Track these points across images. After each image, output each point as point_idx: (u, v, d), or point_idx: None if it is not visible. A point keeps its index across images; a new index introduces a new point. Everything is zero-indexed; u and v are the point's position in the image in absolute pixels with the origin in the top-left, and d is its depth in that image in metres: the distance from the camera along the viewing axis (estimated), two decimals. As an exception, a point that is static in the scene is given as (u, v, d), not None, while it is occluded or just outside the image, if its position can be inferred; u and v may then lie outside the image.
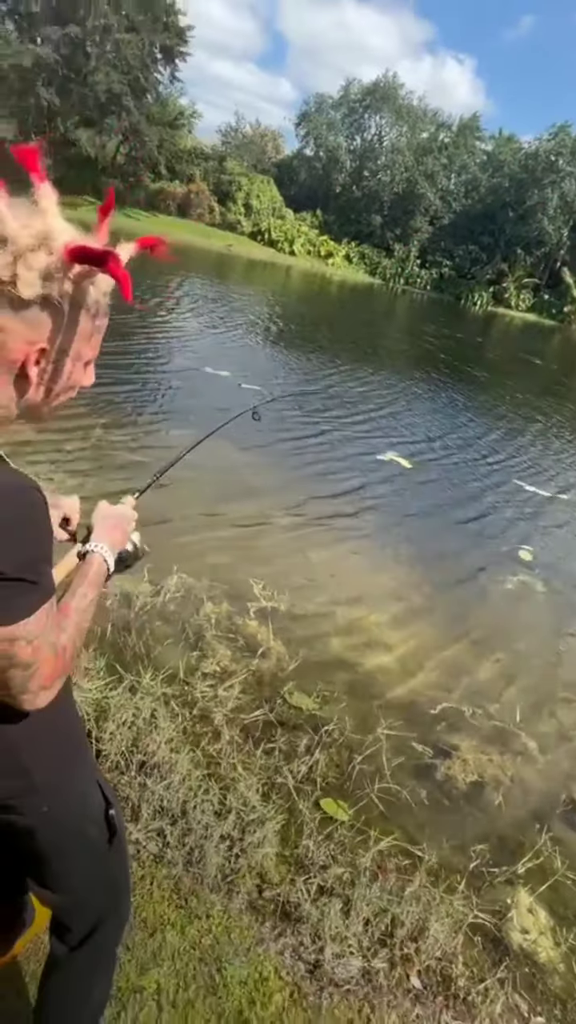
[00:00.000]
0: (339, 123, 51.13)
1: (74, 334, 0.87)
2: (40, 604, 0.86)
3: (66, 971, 1.24)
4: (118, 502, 1.28)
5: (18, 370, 0.84)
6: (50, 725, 1.05)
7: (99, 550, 1.10)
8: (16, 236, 0.77)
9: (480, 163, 50.38)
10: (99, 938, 1.23)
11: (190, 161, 40.11)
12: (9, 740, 0.99)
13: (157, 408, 6.87)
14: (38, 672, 0.87)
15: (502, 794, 2.80)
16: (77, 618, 0.97)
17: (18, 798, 1.04)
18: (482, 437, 9.27)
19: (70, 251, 0.80)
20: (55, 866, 1.14)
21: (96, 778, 1.22)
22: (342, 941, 1.93)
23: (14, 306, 0.80)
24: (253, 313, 16.38)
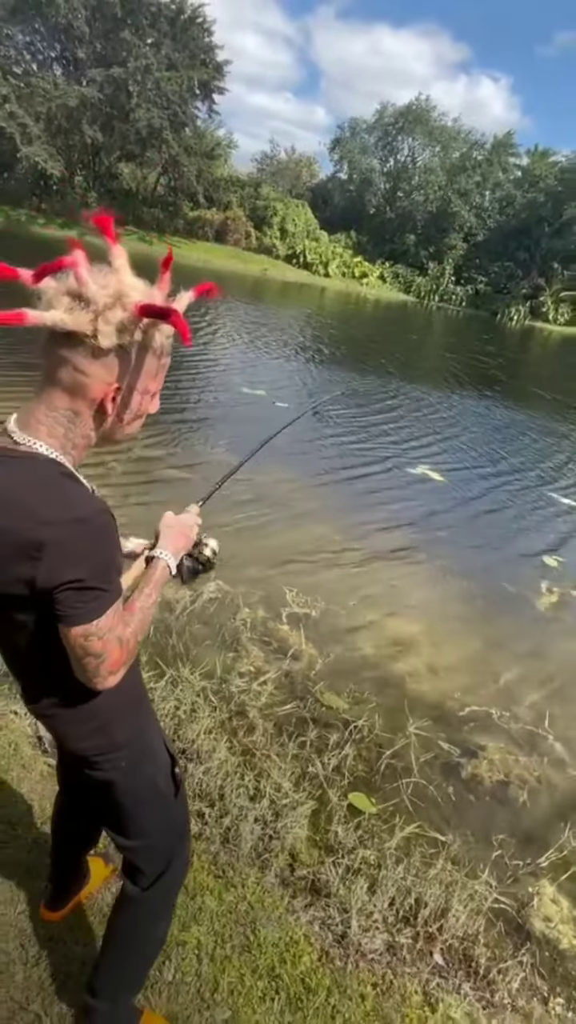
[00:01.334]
0: (372, 146, 52.00)
1: (142, 373, 1.05)
2: (109, 605, 1.02)
3: (139, 908, 1.42)
4: (186, 509, 1.41)
5: (97, 405, 1.02)
6: (126, 693, 1.24)
7: (163, 556, 1.24)
8: (95, 296, 0.94)
9: (515, 179, 50.35)
10: (168, 878, 1.42)
11: (227, 189, 41.35)
12: (94, 705, 1.18)
13: (198, 427, 7.17)
14: (107, 660, 1.03)
15: (528, 793, 2.88)
16: (141, 615, 1.12)
17: (103, 755, 1.23)
18: (515, 450, 9.28)
19: (140, 308, 0.96)
20: (132, 813, 1.33)
21: (163, 739, 1.42)
22: (368, 916, 2.05)
23: (95, 354, 0.97)
24: (287, 333, 16.76)
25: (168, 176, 37.57)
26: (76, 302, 0.95)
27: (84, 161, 34.77)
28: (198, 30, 34.36)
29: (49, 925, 1.74)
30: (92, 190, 34.74)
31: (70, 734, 1.22)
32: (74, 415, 1.02)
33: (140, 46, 31.61)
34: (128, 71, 31.16)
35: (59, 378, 0.99)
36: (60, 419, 1.01)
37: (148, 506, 4.86)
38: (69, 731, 1.22)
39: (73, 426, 1.02)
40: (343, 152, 51.87)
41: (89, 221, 1.01)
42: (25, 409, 1.03)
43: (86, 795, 1.43)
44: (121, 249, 0.99)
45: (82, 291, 0.95)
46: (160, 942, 1.55)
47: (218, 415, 7.80)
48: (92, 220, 0.99)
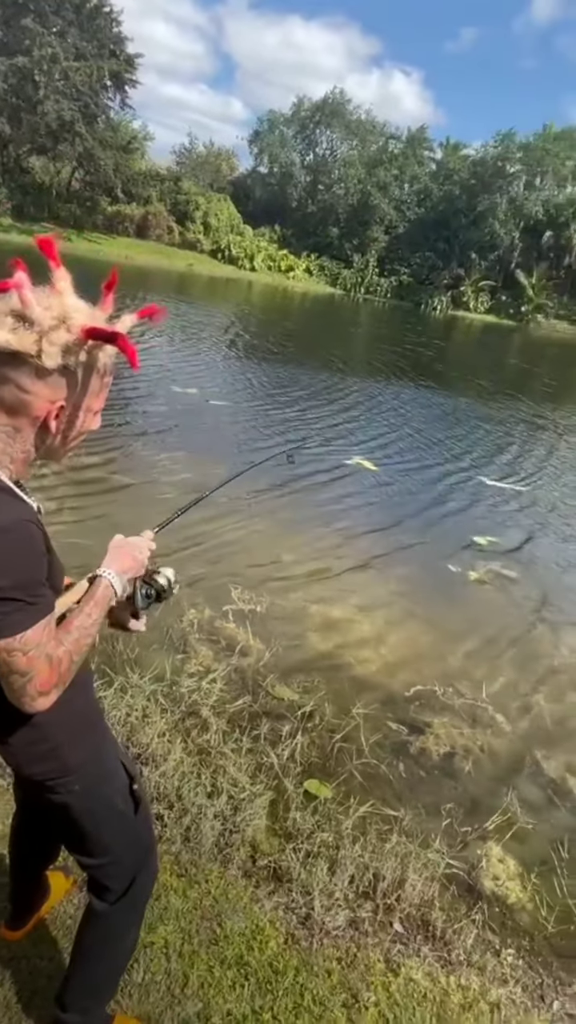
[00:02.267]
0: (291, 140, 52.13)
1: (86, 392, 1.07)
2: (36, 620, 1.00)
3: (107, 922, 1.42)
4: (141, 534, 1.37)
5: (41, 423, 1.04)
6: (78, 714, 1.24)
7: (106, 574, 1.20)
8: (40, 318, 0.96)
9: (430, 172, 51.75)
10: (135, 891, 1.43)
11: (146, 183, 40.43)
12: (44, 729, 1.17)
13: (130, 428, 7.06)
14: (35, 679, 1.01)
15: (472, 762, 3.05)
16: (78, 634, 1.08)
17: (56, 779, 1.23)
18: (441, 435, 9.63)
19: (86, 331, 0.99)
20: (92, 833, 1.32)
21: (120, 758, 1.41)
22: (330, 896, 2.13)
23: (39, 374, 0.99)
24: (217, 329, 16.67)
25: (83, 170, 36.39)
26: (20, 323, 0.96)
27: (-8, 154, 33.23)
28: (105, 20, 33.41)
29: (12, 944, 1.72)
30: (2, 185, 33.18)
31: (21, 759, 1.21)
32: (14, 431, 1.03)
33: (44, 34, 30.41)
34: (33, 60, 29.93)
35: (1, 396, 1.00)
36: (1, 435, 1.02)
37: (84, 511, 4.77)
38: (20, 756, 1.21)
39: (12, 441, 1.03)
40: (262, 146, 51.77)
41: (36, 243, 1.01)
42: None
43: (45, 816, 1.41)
44: (64, 271, 1.01)
45: (26, 312, 0.96)
46: (130, 951, 1.56)
47: (150, 416, 7.70)
48: (37, 243, 1.00)
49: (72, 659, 1.07)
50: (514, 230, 47.01)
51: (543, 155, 46.02)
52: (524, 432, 11.15)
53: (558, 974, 2.12)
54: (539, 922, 2.28)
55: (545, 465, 9.03)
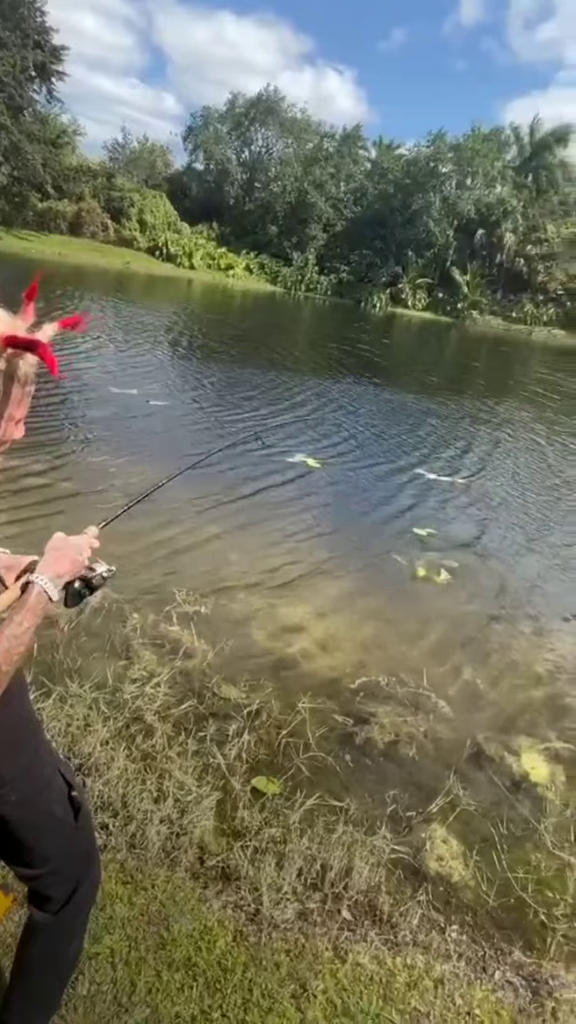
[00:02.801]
0: (226, 137, 51.82)
1: (7, 401, 1.06)
2: None
3: (49, 934, 1.40)
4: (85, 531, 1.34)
5: None
6: (11, 726, 1.22)
7: (39, 581, 1.16)
8: None
9: (365, 171, 52.48)
10: (77, 899, 1.41)
11: (77, 179, 39.35)
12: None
13: (69, 430, 6.88)
14: None
15: (416, 748, 3.13)
16: (8, 644, 1.06)
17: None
18: (387, 431, 9.82)
19: (5, 339, 0.99)
20: (30, 844, 1.31)
21: (57, 766, 1.39)
22: (278, 890, 2.16)
23: None
24: (157, 328, 16.42)
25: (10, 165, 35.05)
26: None
27: None
28: (28, 9, 32.26)
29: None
30: None
31: None
32: None
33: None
34: (-48, 49, 28.64)
35: None
36: None
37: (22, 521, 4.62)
38: None
39: None
40: (197, 142, 51.25)
41: None
42: None
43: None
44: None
45: None
46: (73, 963, 1.54)
47: (88, 418, 7.52)
48: None
49: (2, 670, 1.04)
50: (448, 228, 48.25)
51: (473, 155, 47.40)
52: (466, 426, 11.49)
53: (499, 945, 2.21)
54: (481, 897, 2.37)
55: (487, 458, 9.34)
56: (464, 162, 47.52)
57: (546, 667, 4.09)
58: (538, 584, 5.33)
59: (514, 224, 48.56)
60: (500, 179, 48.99)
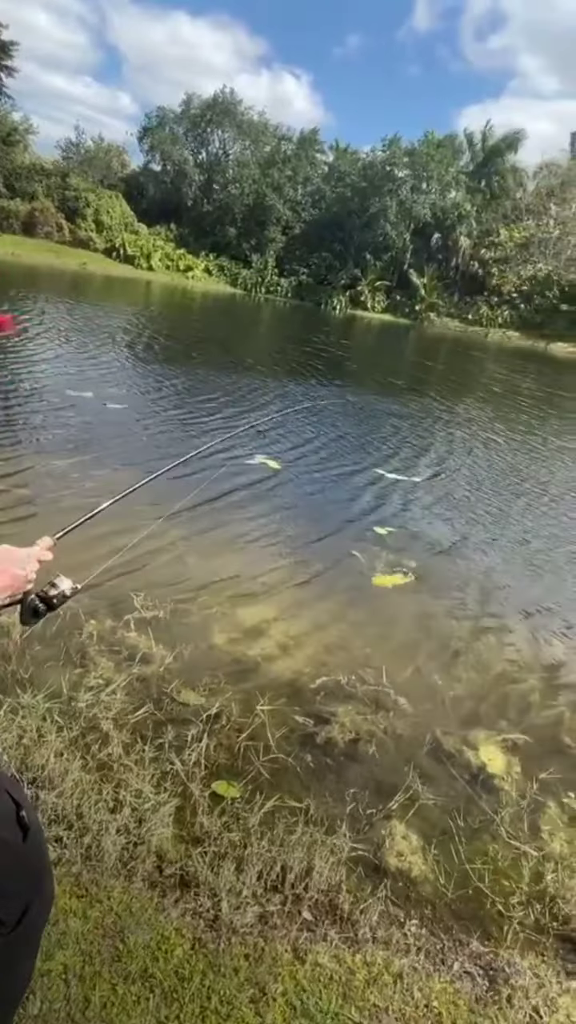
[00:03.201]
0: (183, 137, 51.45)
1: None
2: None
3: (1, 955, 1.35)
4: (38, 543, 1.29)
5: None
6: None
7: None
8: None
9: (323, 174, 52.88)
10: (29, 919, 1.35)
11: (30, 178, 38.54)
12: None
13: (24, 435, 6.71)
14: None
15: (376, 746, 3.15)
16: None
17: None
18: (348, 432, 9.89)
19: None
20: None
21: (4, 786, 1.33)
22: (237, 895, 2.14)
23: None
24: (113, 330, 16.18)
25: (-40, 162, 34.14)
26: None
27: None
28: (-25, 2, 31.44)
29: None
30: None
31: None
32: None
33: None
34: None
35: None
36: None
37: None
38: None
39: None
40: (153, 142, 50.72)
41: None
42: None
43: None
44: None
45: None
46: (26, 982, 1.49)
47: (42, 420, 7.35)
48: None
49: None
50: (405, 232, 49.01)
51: (428, 161, 48.26)
52: (426, 426, 11.66)
53: (458, 936, 2.24)
54: (439, 890, 2.40)
55: (447, 457, 9.50)
56: (419, 167, 48.32)
57: (505, 662, 4.17)
58: (498, 580, 5.45)
59: (468, 228, 49.67)
60: (455, 184, 50.01)
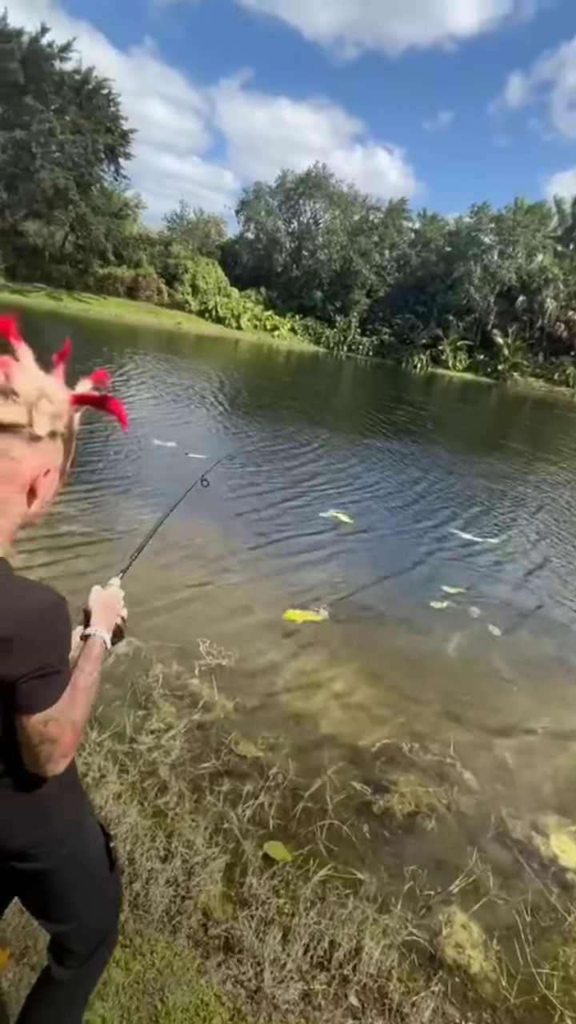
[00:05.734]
0: (277, 208, 54.93)
1: (67, 455, 1.16)
2: (64, 688, 1.07)
3: (65, 991, 1.37)
4: (106, 584, 1.46)
5: (28, 490, 1.10)
6: (64, 778, 1.21)
7: (98, 633, 1.27)
8: (25, 392, 1.05)
9: (409, 240, 54.63)
10: (98, 956, 1.40)
11: (137, 247, 42.17)
12: (36, 798, 1.17)
13: (107, 484, 7.12)
14: (61, 744, 1.06)
15: (437, 821, 2.98)
16: (85, 695, 1.12)
17: (40, 846, 1.21)
18: (423, 489, 9.79)
19: (75, 398, 1.13)
20: (67, 900, 1.29)
21: (95, 817, 1.40)
22: (281, 967, 2.05)
23: (31, 442, 1.07)
24: (201, 384, 17.04)
25: (76, 234, 37.89)
26: (6, 397, 1.04)
27: (-12, 218, 34.52)
28: (103, 99, 35.54)
29: None
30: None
31: (7, 831, 1.17)
32: (2, 504, 1.06)
33: (44, 111, 32.21)
34: (31, 134, 31.58)
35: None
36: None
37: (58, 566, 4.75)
38: (7, 828, 1.17)
39: (3, 517, 1.07)
40: (249, 213, 54.43)
41: None
42: None
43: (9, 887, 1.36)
44: (26, 347, 1.09)
45: (12, 387, 1.05)
46: (80, 1016, 1.50)
47: (130, 471, 7.79)
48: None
49: (84, 720, 1.12)
50: (489, 295, 49.33)
51: (514, 226, 48.81)
52: (506, 486, 11.37)
53: (520, 1050, 2.03)
54: (501, 993, 2.20)
55: (525, 518, 9.19)
56: (506, 232, 48.93)
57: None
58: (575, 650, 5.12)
59: (555, 291, 49.26)
60: (542, 248, 50.11)
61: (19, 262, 35.50)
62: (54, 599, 1.06)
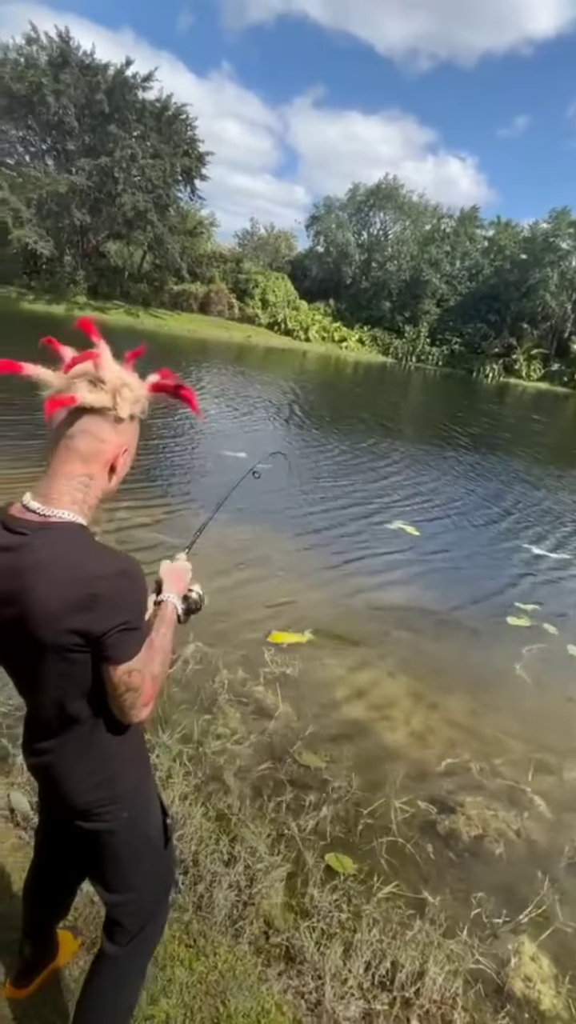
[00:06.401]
0: (346, 221, 55.17)
1: (137, 435, 1.27)
2: (143, 642, 1.20)
3: (116, 968, 1.45)
4: (174, 558, 1.61)
5: (109, 467, 1.21)
6: (132, 743, 1.34)
7: (170, 598, 1.43)
8: (111, 379, 1.17)
9: (482, 249, 53.46)
10: (146, 934, 1.47)
11: (209, 264, 43.44)
12: (104, 757, 1.28)
13: (175, 491, 7.35)
14: (142, 693, 1.18)
15: (505, 847, 2.87)
16: (162, 653, 1.26)
17: (106, 806, 1.30)
18: (493, 502, 9.50)
19: (153, 386, 1.24)
20: (124, 866, 1.39)
21: (157, 790, 1.50)
22: (343, 982, 2.03)
23: (115, 424, 1.19)
24: (270, 395, 17.27)
25: (154, 253, 39.45)
26: (94, 385, 1.16)
27: (73, 241, 36.45)
28: (181, 124, 36.95)
29: (15, 1003, 1.72)
30: (80, 268, 36.24)
31: (76, 787, 1.28)
32: (89, 479, 1.19)
33: (126, 138, 33.83)
34: (114, 160, 33.22)
35: (77, 447, 1.17)
36: (78, 486, 1.18)
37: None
38: (76, 783, 1.28)
39: (88, 490, 1.19)
40: (319, 227, 54.94)
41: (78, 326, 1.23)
42: (43, 484, 1.18)
43: (73, 853, 1.46)
44: (105, 344, 1.20)
45: (100, 375, 1.16)
46: (131, 1009, 1.56)
47: (198, 479, 8.00)
48: (79, 324, 1.21)
49: (163, 674, 1.24)
50: (567, 302, 47.48)
51: (595, 230, 46.85)
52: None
53: None
54: (574, 1034, 2.09)
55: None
56: (585, 237, 47.02)
57: None
58: None
59: None
60: (625, 252, 47.81)
61: (100, 281, 37.33)
62: (132, 563, 1.18)
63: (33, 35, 33.10)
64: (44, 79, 31.87)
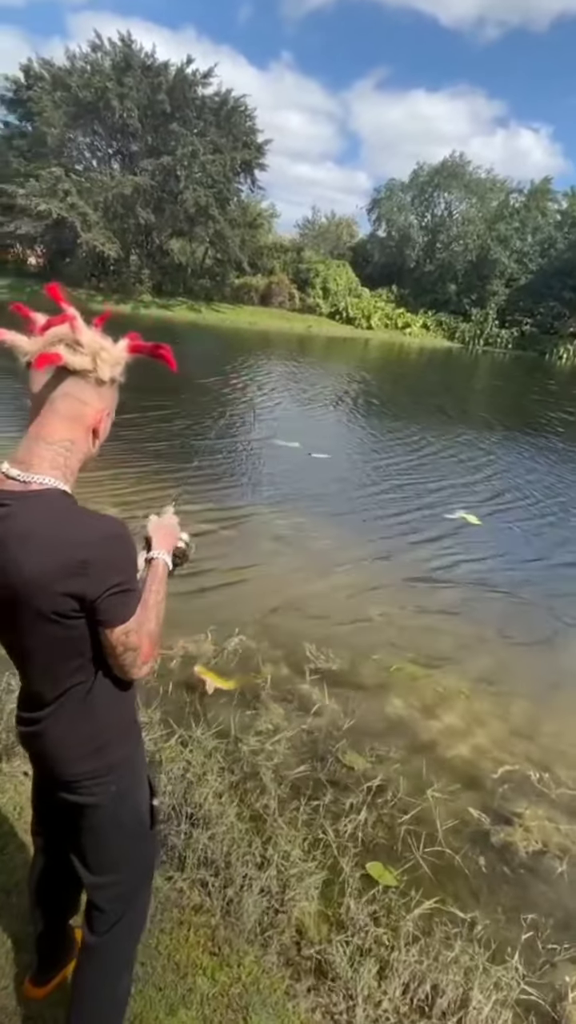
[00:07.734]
0: (409, 204, 53.62)
1: (116, 399, 1.25)
2: (138, 602, 1.21)
3: (97, 958, 1.42)
4: (161, 512, 1.59)
5: (91, 431, 1.20)
6: (126, 716, 1.34)
7: (160, 555, 1.41)
8: (89, 343, 1.14)
9: (555, 222, 50.62)
10: (126, 922, 1.43)
11: (270, 255, 43.40)
12: (95, 727, 1.27)
13: (231, 479, 7.32)
14: (141, 651, 1.20)
15: (569, 865, 2.63)
16: (156, 610, 1.25)
17: (95, 778, 1.29)
18: (560, 491, 8.94)
19: (132, 347, 1.21)
20: (108, 843, 1.36)
21: (147, 769, 1.47)
22: (376, 1005, 1.89)
23: (96, 386, 1.17)
24: (329, 385, 17.04)
25: (215, 249, 39.81)
26: (72, 348, 1.13)
27: (138, 241, 37.31)
28: (240, 117, 36.96)
29: (35, 1002, 1.68)
30: (145, 267, 37.07)
31: (67, 754, 1.28)
32: (71, 443, 1.17)
33: (187, 135, 34.20)
34: (176, 158, 33.67)
35: (59, 410, 1.15)
36: (59, 451, 1.16)
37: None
38: (67, 751, 1.27)
39: (70, 455, 1.17)
40: (381, 212, 53.66)
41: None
42: (22, 450, 1.15)
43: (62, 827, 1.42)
44: (74, 308, 1.16)
45: (78, 338, 1.14)
46: (122, 1001, 1.51)
47: (250, 467, 7.95)
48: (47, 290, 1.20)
49: (159, 631, 1.24)
50: None
51: None
52: None
53: None
54: None
55: None
56: None
57: None
58: None
59: None
60: None
61: (164, 279, 38.07)
62: (118, 525, 1.17)
63: (97, 42, 33.95)
64: (109, 83, 32.63)
